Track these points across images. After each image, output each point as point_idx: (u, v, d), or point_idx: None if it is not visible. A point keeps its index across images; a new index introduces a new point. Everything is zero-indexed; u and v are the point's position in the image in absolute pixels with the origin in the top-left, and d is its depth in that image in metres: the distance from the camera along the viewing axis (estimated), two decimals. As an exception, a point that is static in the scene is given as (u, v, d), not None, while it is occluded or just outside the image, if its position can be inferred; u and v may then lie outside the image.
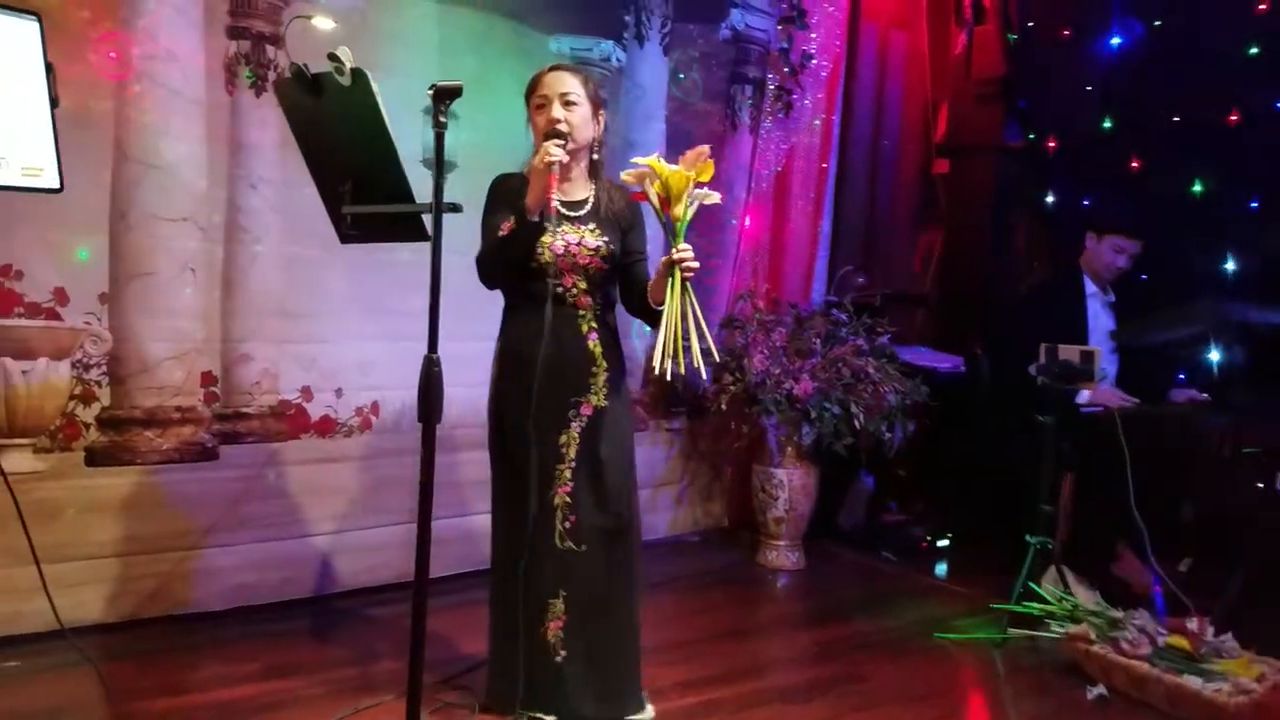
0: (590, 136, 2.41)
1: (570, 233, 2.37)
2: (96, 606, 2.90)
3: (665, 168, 2.18)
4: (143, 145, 2.88)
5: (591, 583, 2.39)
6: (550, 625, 2.39)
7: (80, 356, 2.85)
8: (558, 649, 2.39)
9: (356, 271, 3.27)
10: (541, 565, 2.37)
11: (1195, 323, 3.68)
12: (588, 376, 2.40)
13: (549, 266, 2.34)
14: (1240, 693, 2.62)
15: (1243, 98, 4.04)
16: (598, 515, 2.40)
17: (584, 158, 2.44)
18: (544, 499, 2.37)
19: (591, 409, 2.40)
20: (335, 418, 3.32)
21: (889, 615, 3.54)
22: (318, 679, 2.72)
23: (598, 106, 2.41)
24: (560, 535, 2.38)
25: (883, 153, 5.00)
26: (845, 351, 3.92)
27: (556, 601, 2.39)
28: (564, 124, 2.31)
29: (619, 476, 2.44)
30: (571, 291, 2.38)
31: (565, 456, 2.39)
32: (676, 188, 2.18)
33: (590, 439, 2.40)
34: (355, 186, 1.90)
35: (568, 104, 2.33)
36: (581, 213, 2.41)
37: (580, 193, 2.44)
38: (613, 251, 2.40)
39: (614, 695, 2.43)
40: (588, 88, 2.38)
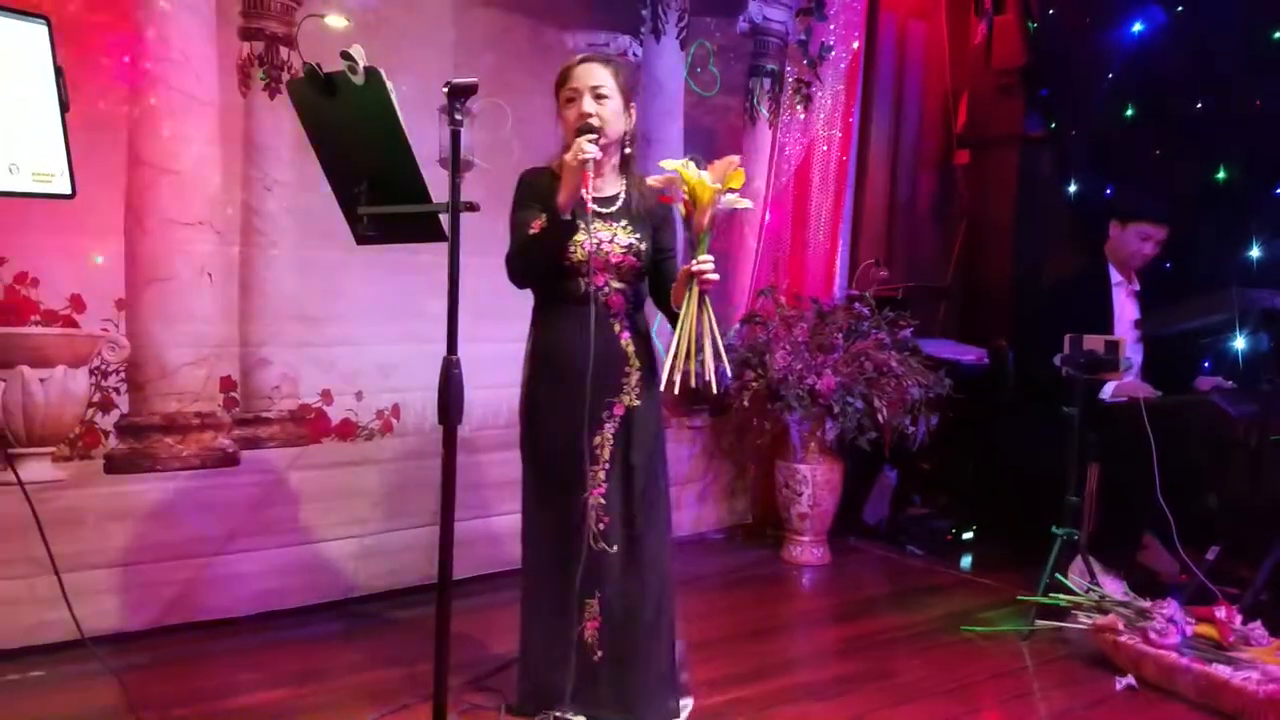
0: (622, 130, 2.36)
1: (602, 230, 2.32)
2: (119, 615, 2.90)
3: (692, 176, 2.13)
4: (157, 149, 2.87)
5: (624, 584, 2.37)
6: (588, 625, 2.37)
7: (98, 363, 2.85)
8: (595, 648, 2.37)
9: (375, 274, 3.25)
10: (577, 566, 2.33)
11: (1221, 311, 3.62)
12: (620, 376, 2.37)
13: (581, 265, 2.30)
14: (1270, 681, 2.60)
15: (1266, 84, 3.98)
16: (631, 516, 2.37)
17: (615, 152, 2.39)
18: (577, 502, 2.35)
19: (624, 409, 2.37)
20: (356, 421, 3.31)
21: (915, 609, 3.52)
22: (342, 684, 2.71)
23: (629, 98, 2.36)
24: (595, 536, 2.35)
25: (903, 144, 4.96)
26: (868, 345, 3.89)
27: (592, 602, 2.37)
28: (596, 118, 2.25)
29: (651, 477, 2.41)
30: (604, 290, 2.34)
31: (599, 458, 2.36)
32: (702, 199, 2.14)
33: (623, 440, 2.37)
34: (371, 187, 1.88)
35: (599, 97, 2.28)
36: (613, 209, 2.36)
37: (611, 188, 2.39)
38: (644, 249, 2.36)
39: (643, 700, 2.39)
40: (619, 79, 2.32)
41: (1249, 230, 3.95)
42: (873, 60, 4.71)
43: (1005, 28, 4.89)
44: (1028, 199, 4.90)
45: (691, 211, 2.17)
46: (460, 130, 1.75)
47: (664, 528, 2.45)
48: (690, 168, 2.14)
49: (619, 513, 2.36)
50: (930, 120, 5.09)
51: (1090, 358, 3.31)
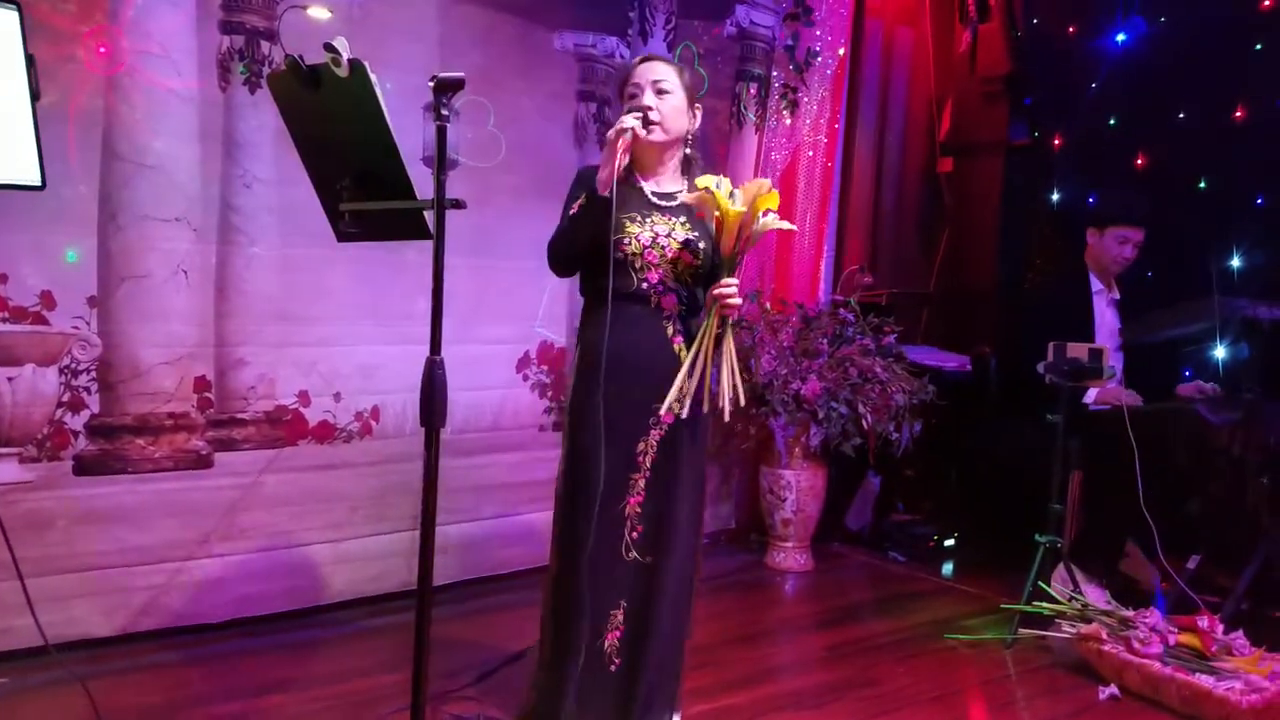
0: (683, 128, 2.30)
1: (660, 224, 2.25)
2: (90, 621, 2.82)
3: (722, 198, 2.08)
4: (133, 143, 2.80)
5: (651, 596, 2.29)
6: (609, 635, 2.30)
7: (68, 362, 2.77)
8: (612, 658, 2.31)
9: (357, 273, 3.20)
10: (606, 575, 2.27)
11: (1202, 320, 3.64)
12: (671, 382, 2.21)
13: (635, 258, 2.23)
14: (1253, 691, 2.61)
15: (1249, 94, 4.01)
16: (666, 528, 2.29)
17: (677, 151, 2.33)
18: (614, 508, 2.26)
19: (673, 417, 2.25)
20: (334, 423, 3.25)
21: (899, 616, 3.52)
22: (320, 692, 2.65)
23: (693, 98, 2.31)
24: (627, 546, 2.28)
25: (888, 151, 4.96)
26: (853, 351, 3.88)
27: (617, 613, 2.30)
28: (654, 110, 2.21)
29: (690, 491, 2.33)
30: (657, 289, 2.25)
31: (640, 466, 2.27)
32: (728, 221, 2.10)
33: (668, 450, 2.28)
34: (353, 183, 1.82)
35: (660, 92, 2.23)
36: (673, 204, 2.29)
37: (672, 185, 2.33)
38: (704, 250, 2.27)
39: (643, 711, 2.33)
40: (683, 77, 2.28)
41: (1231, 239, 3.97)
42: (858, 66, 4.71)
43: (990, 35, 4.91)
44: (1011, 207, 4.91)
45: (720, 233, 2.14)
46: (446, 126, 1.70)
47: (695, 543, 2.39)
48: (722, 187, 2.10)
49: (654, 524, 2.28)
50: (915, 127, 5.10)
51: (1074, 365, 3.31)
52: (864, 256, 4.74)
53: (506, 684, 2.71)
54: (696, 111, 2.33)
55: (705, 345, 2.15)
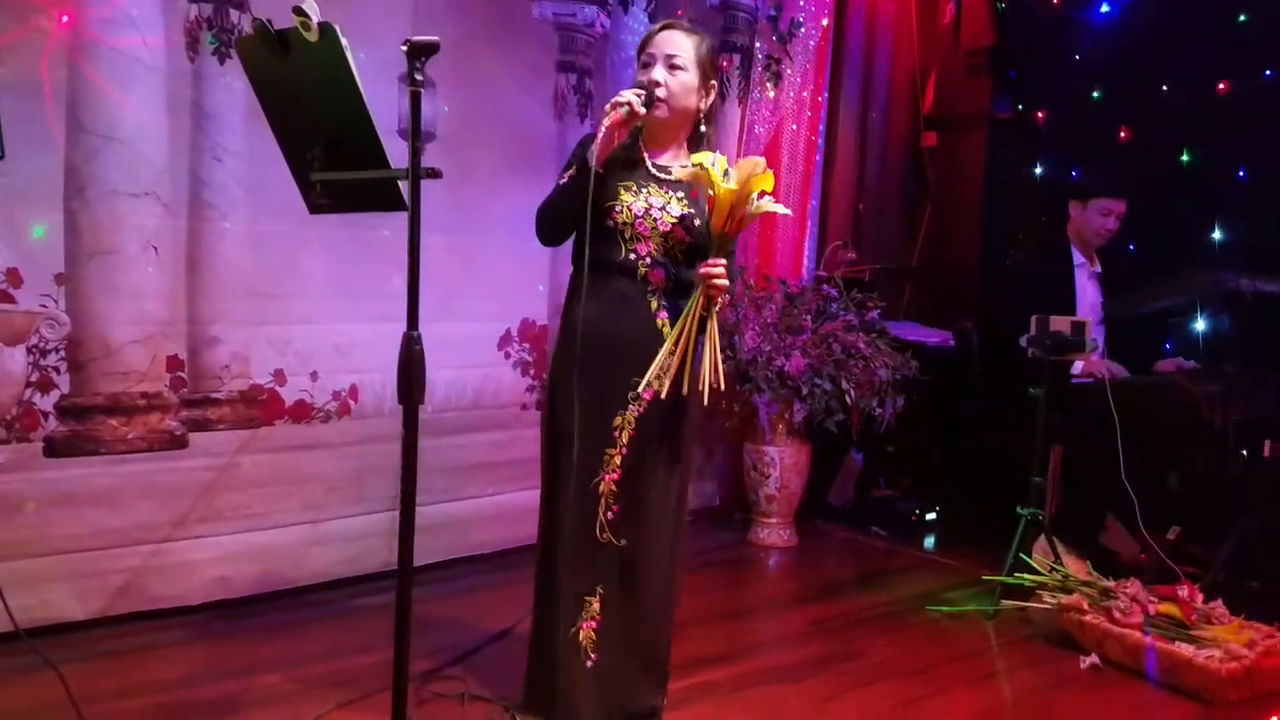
0: (692, 106, 2.22)
1: (656, 196, 2.20)
2: (64, 605, 2.77)
3: (715, 177, 2.04)
4: (99, 116, 2.73)
5: (629, 584, 2.22)
6: (583, 626, 2.22)
7: (36, 341, 2.71)
8: (589, 652, 2.22)
9: (333, 249, 3.15)
10: (579, 559, 2.20)
11: (1184, 293, 3.64)
12: (653, 358, 2.14)
13: (625, 228, 2.18)
14: (1232, 659, 2.63)
15: (1232, 67, 3.99)
16: (643, 511, 2.22)
17: (685, 128, 2.26)
18: (587, 486, 2.20)
19: (653, 394, 2.18)
20: (311, 402, 3.20)
21: (881, 590, 3.53)
22: (299, 674, 2.61)
23: (708, 75, 2.23)
24: (601, 526, 2.20)
25: (871, 125, 4.92)
26: (836, 327, 3.87)
27: (593, 600, 2.22)
28: (662, 87, 2.15)
29: (671, 473, 2.26)
30: (645, 261, 2.19)
31: (617, 442, 2.20)
32: (720, 200, 2.06)
33: (647, 428, 2.21)
34: (325, 152, 1.77)
35: (672, 67, 2.17)
36: (672, 178, 2.23)
37: (677, 162, 2.26)
38: (698, 227, 2.20)
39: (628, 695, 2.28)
40: (699, 51, 2.20)
41: (1213, 213, 3.96)
42: (842, 38, 4.67)
43: (974, 8, 4.88)
44: (994, 180, 4.89)
45: (711, 210, 2.10)
46: (421, 92, 1.65)
47: (676, 531, 2.31)
48: (716, 164, 2.05)
49: (630, 505, 2.21)
50: (898, 100, 5.06)
51: (1056, 339, 3.31)
52: (847, 232, 4.71)
53: (489, 663, 2.69)
54: (711, 89, 2.26)
55: (689, 324, 2.11)
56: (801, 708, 2.53)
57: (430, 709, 2.42)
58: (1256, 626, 2.81)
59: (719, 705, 2.51)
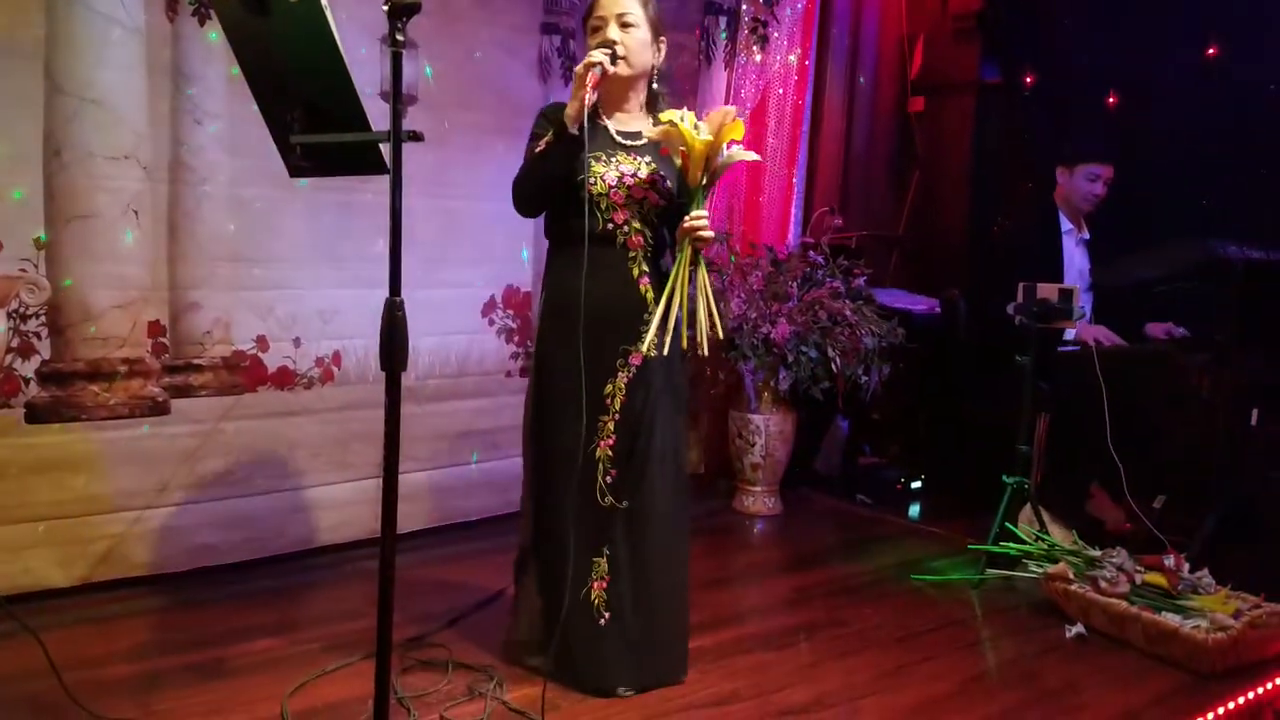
0: (648, 63, 2.29)
1: (625, 163, 2.24)
2: (46, 572, 2.76)
3: (687, 130, 2.07)
4: (76, 76, 2.67)
5: (636, 543, 2.28)
6: (594, 585, 2.29)
7: (16, 306, 2.67)
8: (601, 611, 2.29)
9: (316, 214, 3.11)
10: (584, 522, 2.25)
11: (1175, 260, 3.63)
12: (639, 323, 2.25)
13: (600, 198, 2.21)
14: (1218, 629, 2.63)
15: (1221, 30, 3.96)
16: (641, 471, 2.28)
17: (642, 87, 2.32)
18: (585, 452, 2.24)
19: (641, 359, 2.26)
20: (294, 369, 3.17)
21: (866, 559, 3.53)
22: (283, 641, 2.61)
23: (658, 31, 2.28)
24: (601, 491, 2.27)
25: (858, 90, 4.86)
26: (822, 294, 3.85)
27: (601, 560, 2.29)
28: (620, 45, 2.17)
29: (666, 430, 2.31)
30: (623, 229, 2.25)
31: (609, 409, 2.26)
32: (696, 152, 2.08)
33: (637, 391, 2.27)
34: (306, 114, 1.74)
35: (624, 25, 2.21)
36: (639, 143, 2.27)
37: (636, 123, 2.30)
38: (670, 189, 2.26)
39: (655, 662, 2.33)
40: (647, 10, 2.26)
41: (1201, 179, 3.94)
42: (829, 2, 4.60)
43: (963, -30, 4.81)
44: (982, 147, 4.86)
45: (687, 165, 2.11)
46: (402, 54, 1.61)
47: (679, 483, 2.37)
48: (685, 119, 2.09)
49: (628, 466, 2.27)
50: (886, 66, 5.00)
51: (1043, 306, 3.30)
52: (834, 198, 4.68)
53: (475, 629, 2.69)
54: (661, 45, 2.30)
55: (680, 279, 2.13)
56: (786, 675, 2.54)
57: (415, 676, 2.41)
58: (1243, 596, 2.81)
59: (703, 673, 2.50)
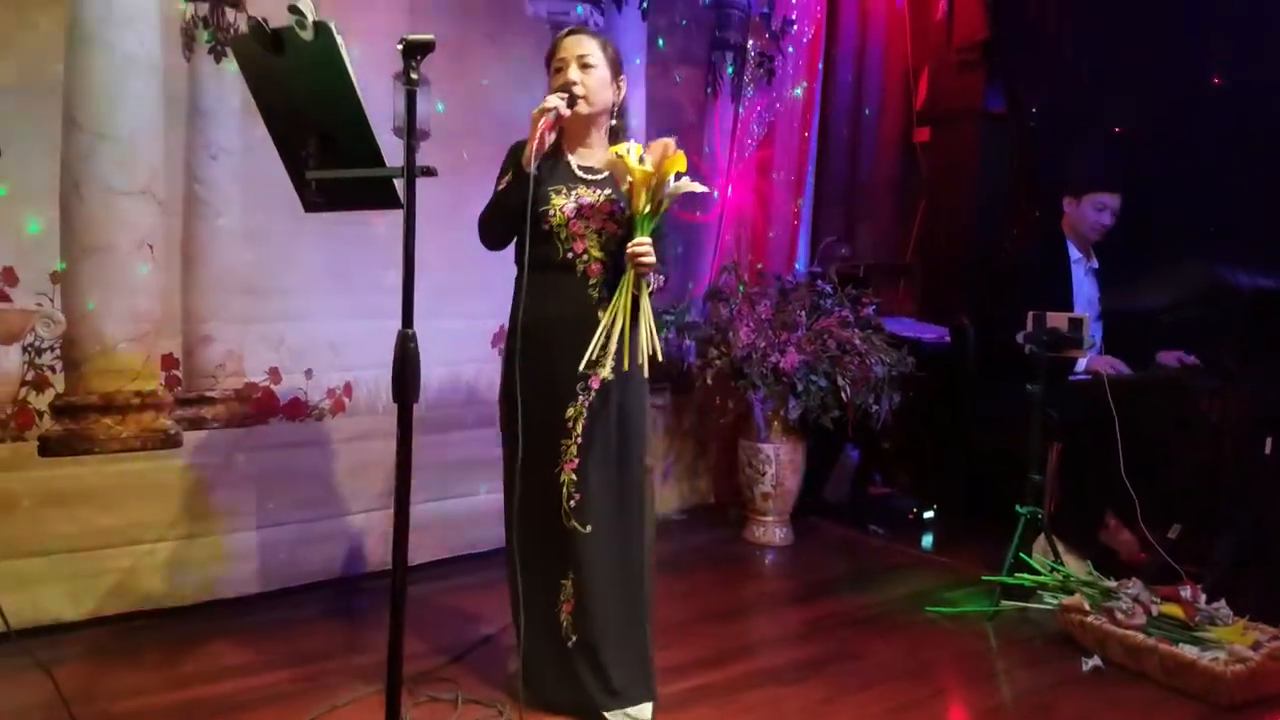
0: (608, 100, 2.39)
1: (586, 195, 2.33)
2: (57, 604, 2.77)
3: (630, 161, 2.18)
4: (95, 113, 2.72)
5: (598, 565, 2.32)
6: (563, 607, 2.34)
7: (32, 340, 2.70)
8: (570, 633, 2.34)
9: (327, 246, 3.13)
10: (551, 544, 2.31)
11: (1182, 287, 3.63)
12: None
13: (560, 230, 2.31)
14: (1237, 661, 2.59)
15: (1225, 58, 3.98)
16: (604, 493, 2.33)
17: (604, 123, 2.42)
18: (549, 476, 2.31)
19: (600, 382, 2.33)
20: (306, 400, 3.19)
21: (879, 590, 3.49)
22: (294, 674, 2.60)
23: (617, 70, 2.39)
24: (565, 514, 2.32)
25: (864, 121, 4.90)
26: (831, 323, 3.85)
27: (567, 583, 2.34)
28: (579, 85, 2.28)
29: (628, 453, 2.37)
30: (583, 258, 2.33)
31: (572, 432, 2.32)
32: (638, 181, 2.19)
33: (597, 413, 2.33)
34: (320, 150, 1.76)
35: (584, 66, 2.32)
36: (600, 176, 2.37)
37: (599, 158, 2.39)
38: (629, 219, 2.33)
39: (619, 683, 2.35)
40: (606, 51, 2.37)
41: (1209, 205, 3.94)
42: (834, 35, 4.65)
43: (966, 2, 4.83)
44: (988, 176, 4.87)
45: (631, 193, 2.23)
46: (416, 90, 1.64)
47: (643, 506, 2.41)
48: (632, 152, 2.20)
49: (592, 489, 2.32)
50: (891, 96, 5.04)
51: (1053, 335, 3.29)
52: (841, 228, 4.70)
53: (484, 663, 2.68)
54: (621, 84, 2.41)
55: (623, 303, 2.22)
56: (799, 710, 2.51)
57: (425, 710, 2.40)
58: (1261, 627, 2.78)
59: (717, 708, 2.49)
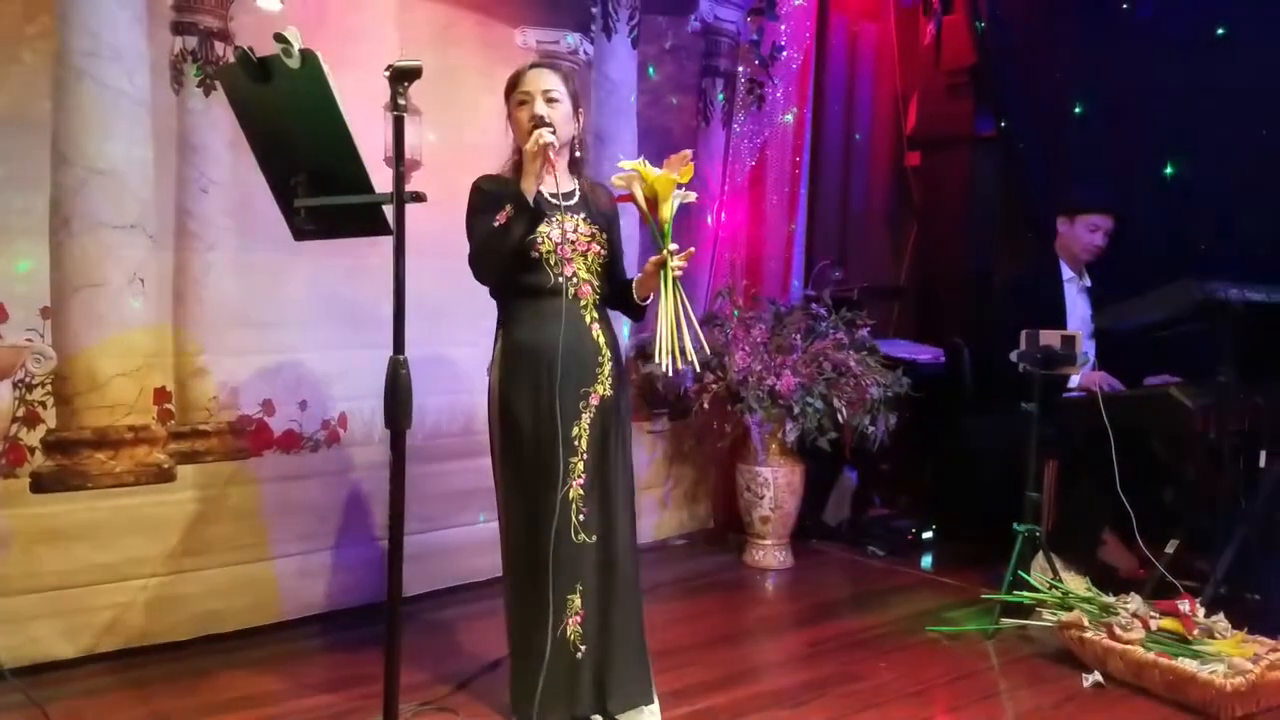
0: (571, 133, 2.46)
1: (566, 221, 2.41)
2: (51, 642, 2.73)
3: (651, 172, 2.26)
4: (84, 148, 2.72)
5: (604, 573, 2.41)
6: (569, 621, 2.38)
7: (22, 376, 2.68)
8: (577, 645, 2.39)
9: (321, 278, 3.14)
10: (559, 561, 2.35)
11: (1175, 304, 3.63)
12: (595, 367, 2.44)
13: (549, 255, 2.37)
14: (1237, 674, 2.59)
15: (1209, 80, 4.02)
16: (607, 505, 2.42)
17: (566, 154, 2.48)
18: (558, 494, 2.37)
19: (599, 398, 2.43)
20: (300, 432, 3.17)
21: (880, 611, 3.49)
22: (290, 708, 2.58)
23: (578, 103, 2.46)
24: (575, 529, 2.38)
25: (855, 146, 4.96)
26: (826, 346, 3.87)
27: (574, 597, 2.38)
28: (549, 119, 2.32)
29: (625, 466, 2.49)
30: (573, 281, 2.40)
31: (578, 450, 2.39)
32: (663, 191, 2.26)
33: (598, 429, 2.42)
34: (309, 178, 1.77)
35: (550, 100, 2.38)
36: (571, 202, 2.44)
37: (565, 185, 2.47)
38: (610, 239, 2.46)
39: (627, 686, 2.42)
40: (569, 85, 2.44)
41: (1199, 224, 3.97)
42: (824, 61, 4.70)
43: (954, 27, 4.90)
44: (978, 198, 4.91)
45: (654, 206, 2.29)
46: (404, 116, 1.65)
47: (633, 513, 2.52)
48: (647, 165, 2.27)
49: (597, 503, 2.41)
50: (881, 121, 5.10)
51: (1047, 353, 3.31)
52: (833, 251, 4.72)
53: (485, 692, 2.65)
54: (580, 116, 2.49)
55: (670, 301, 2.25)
56: (802, 733, 2.50)
57: (424, 740, 2.39)
58: (1259, 640, 2.79)
59: (721, 731, 2.48)
